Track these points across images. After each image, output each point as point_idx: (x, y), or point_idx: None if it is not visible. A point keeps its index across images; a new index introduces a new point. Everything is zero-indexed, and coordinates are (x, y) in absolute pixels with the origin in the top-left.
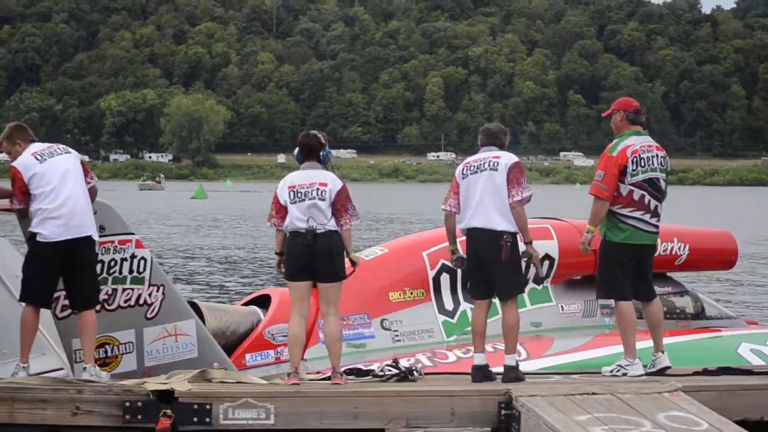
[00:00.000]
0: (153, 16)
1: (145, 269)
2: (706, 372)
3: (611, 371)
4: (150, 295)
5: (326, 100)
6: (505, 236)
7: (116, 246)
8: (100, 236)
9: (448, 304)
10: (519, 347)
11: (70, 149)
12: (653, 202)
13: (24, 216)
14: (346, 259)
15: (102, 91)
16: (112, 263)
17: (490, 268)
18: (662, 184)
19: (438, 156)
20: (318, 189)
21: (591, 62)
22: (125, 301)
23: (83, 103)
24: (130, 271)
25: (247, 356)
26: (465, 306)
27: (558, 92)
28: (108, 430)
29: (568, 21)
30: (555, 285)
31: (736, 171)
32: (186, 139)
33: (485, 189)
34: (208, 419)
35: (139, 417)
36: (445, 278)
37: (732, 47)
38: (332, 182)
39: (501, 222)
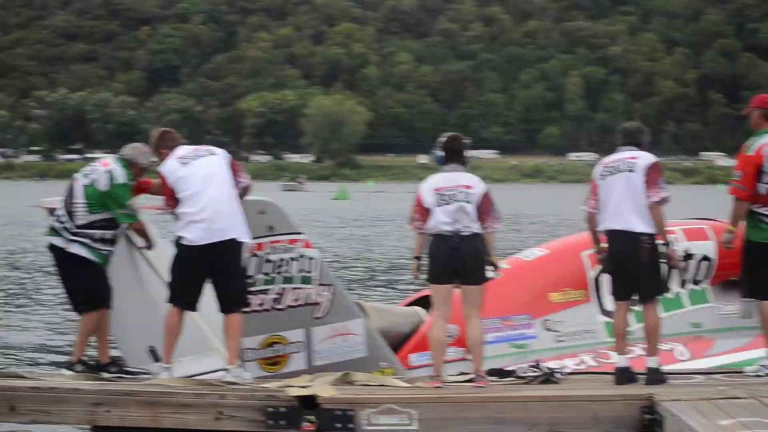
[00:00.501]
0: (291, 16)
1: (313, 269)
2: None
3: (755, 371)
4: (319, 294)
5: (466, 101)
6: (643, 238)
7: (285, 246)
8: (270, 236)
9: (609, 305)
10: (682, 348)
11: (216, 150)
12: None
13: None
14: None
15: (241, 92)
16: (281, 263)
17: (630, 270)
18: None
19: (580, 156)
20: (464, 192)
21: (730, 61)
22: (294, 301)
23: (223, 104)
24: (299, 271)
25: (412, 356)
26: None
27: (698, 91)
28: None
29: (706, 19)
30: (714, 286)
31: None
32: (327, 140)
33: (623, 190)
34: (351, 425)
35: (282, 423)
36: (605, 279)
37: None
38: (476, 184)
39: (639, 224)
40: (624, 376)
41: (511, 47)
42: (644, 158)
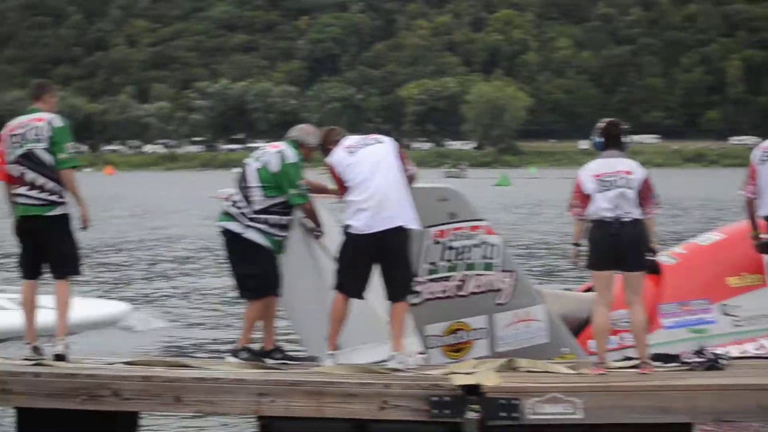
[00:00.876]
0: (450, 3)
1: (495, 255)
2: None
3: None
4: (500, 281)
5: (626, 85)
6: None
7: (467, 232)
8: (452, 223)
9: None
10: None
11: (383, 138)
12: None
13: None
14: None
15: (401, 80)
16: (464, 250)
17: None
18: None
19: (741, 140)
20: (624, 177)
21: None
22: (477, 287)
23: (383, 92)
24: (482, 257)
25: (590, 342)
26: None
27: None
28: (413, 425)
29: None
30: None
31: None
32: (488, 127)
33: None
34: (515, 414)
35: (446, 412)
36: None
37: None
38: (636, 170)
39: None
40: None
41: (671, 31)
42: None
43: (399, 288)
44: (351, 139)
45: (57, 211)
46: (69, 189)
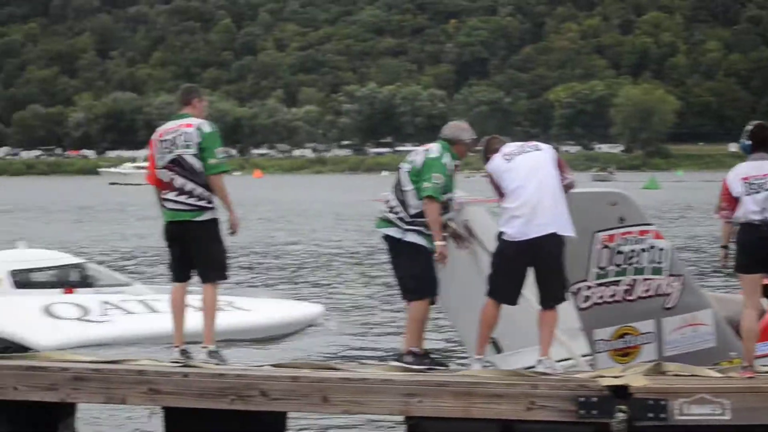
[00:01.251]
0: (599, 6)
1: (664, 259)
2: None
3: None
4: (668, 285)
5: None
6: None
7: (636, 237)
8: (621, 227)
9: None
10: None
11: (542, 146)
12: None
13: None
14: None
15: (550, 83)
16: (632, 254)
17: None
18: None
19: None
20: None
21: None
22: (645, 292)
23: (532, 95)
24: (650, 262)
25: (758, 345)
26: None
27: None
28: (560, 426)
29: None
30: None
31: None
32: (636, 130)
33: None
34: (663, 415)
35: (594, 412)
36: None
37: None
38: None
39: None
40: None
41: None
42: None
43: (550, 295)
44: (510, 146)
45: (205, 216)
46: (218, 194)
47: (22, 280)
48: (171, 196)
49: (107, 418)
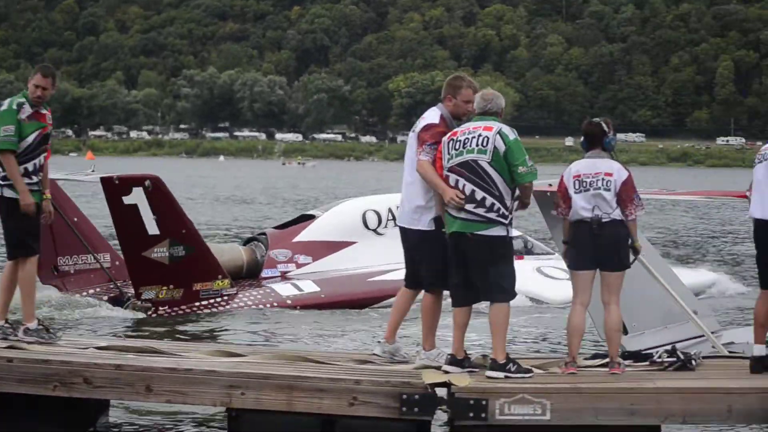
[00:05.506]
0: None
1: None
2: None
3: None
4: None
5: (615, 83)
6: None
7: None
8: None
9: None
10: None
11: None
12: None
13: None
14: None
15: (390, 73)
16: None
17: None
18: None
19: (727, 141)
20: (603, 179)
21: None
22: None
23: (371, 85)
24: None
25: None
26: None
27: None
28: (382, 422)
29: None
30: None
31: None
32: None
33: (761, 178)
34: (483, 414)
35: (416, 410)
36: None
37: None
38: (617, 172)
39: (757, 210)
40: (761, 364)
41: (663, 30)
42: None
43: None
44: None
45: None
46: (9, 174)
47: None
48: None
49: None
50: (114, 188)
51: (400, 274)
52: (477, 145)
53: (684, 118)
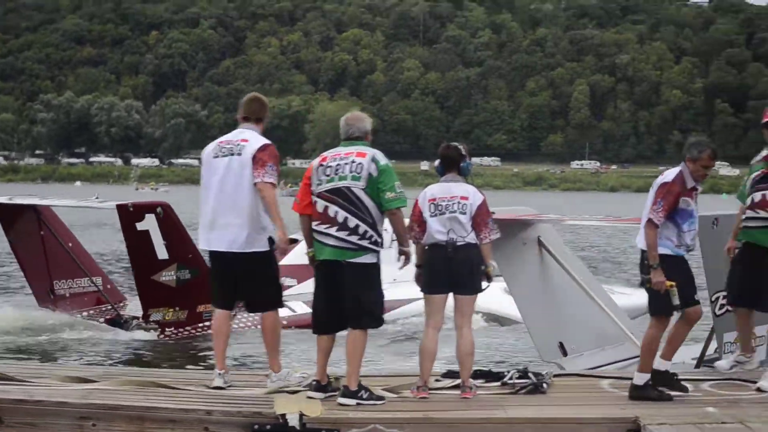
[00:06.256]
0: (300, 22)
1: None
2: None
3: (727, 367)
4: None
5: (471, 108)
6: (644, 255)
7: None
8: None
9: None
10: None
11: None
12: None
13: None
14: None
15: None
16: None
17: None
18: None
19: (582, 164)
20: (459, 203)
21: (739, 71)
22: None
23: (228, 109)
24: None
25: None
26: None
27: (705, 101)
28: None
29: (716, 29)
30: None
31: None
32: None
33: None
34: None
35: None
36: None
37: None
38: (473, 196)
39: (641, 241)
40: (643, 393)
41: (519, 55)
42: (665, 175)
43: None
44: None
45: None
46: None
47: None
48: None
49: None
50: (128, 215)
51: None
52: (351, 172)
53: (539, 142)
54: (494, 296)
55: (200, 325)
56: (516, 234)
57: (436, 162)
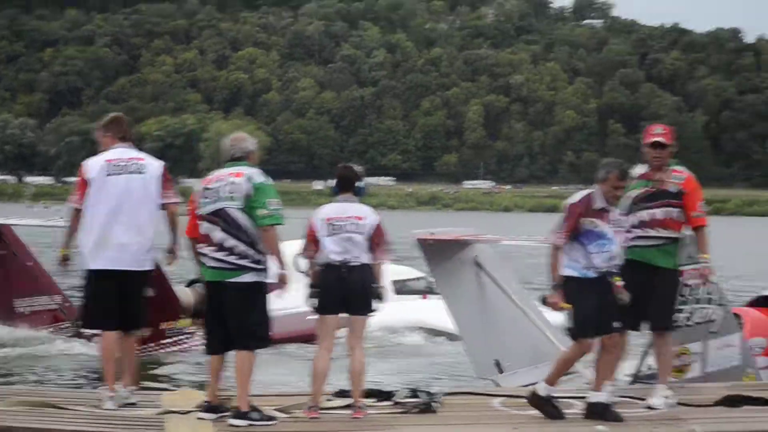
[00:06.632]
0: (196, 40)
1: (715, 292)
2: (728, 401)
3: (660, 405)
4: (715, 313)
5: (366, 127)
6: None
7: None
8: (690, 264)
9: None
10: None
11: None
12: None
13: None
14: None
15: (143, 116)
16: (696, 287)
17: None
18: None
19: (476, 184)
20: (355, 223)
21: (632, 91)
22: (700, 318)
23: None
24: (706, 293)
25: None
26: None
27: (598, 121)
28: None
29: (610, 50)
30: None
31: None
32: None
33: None
34: None
35: None
36: None
37: None
38: (368, 216)
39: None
40: (539, 403)
41: (414, 74)
42: (573, 196)
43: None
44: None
45: None
46: None
47: (399, 288)
48: None
49: None
50: None
51: None
52: (228, 193)
53: (433, 161)
54: (434, 312)
55: (163, 342)
56: (454, 254)
57: (335, 181)
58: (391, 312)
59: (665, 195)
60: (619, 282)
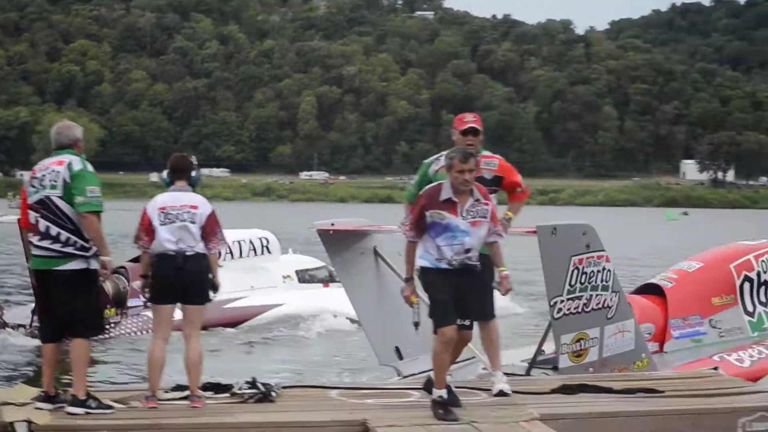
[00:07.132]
0: (27, 33)
1: (609, 278)
2: (565, 389)
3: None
4: (611, 299)
5: (199, 119)
6: None
7: (595, 260)
8: (587, 253)
9: (749, 307)
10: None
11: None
12: None
13: None
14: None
15: None
16: (592, 274)
17: None
18: None
19: (311, 175)
20: (189, 212)
21: (464, 82)
22: (596, 305)
23: None
24: (602, 281)
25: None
26: (759, 308)
27: (431, 112)
28: None
29: (441, 41)
30: None
31: (608, 191)
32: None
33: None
34: None
35: None
36: (746, 286)
37: (605, 68)
38: (202, 205)
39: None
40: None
41: (247, 66)
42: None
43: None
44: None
45: None
46: None
47: (302, 277)
48: None
49: None
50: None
51: (247, 302)
52: (50, 182)
53: (268, 152)
54: (337, 300)
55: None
56: (353, 244)
57: (164, 172)
58: (295, 300)
59: (482, 183)
60: (505, 272)
